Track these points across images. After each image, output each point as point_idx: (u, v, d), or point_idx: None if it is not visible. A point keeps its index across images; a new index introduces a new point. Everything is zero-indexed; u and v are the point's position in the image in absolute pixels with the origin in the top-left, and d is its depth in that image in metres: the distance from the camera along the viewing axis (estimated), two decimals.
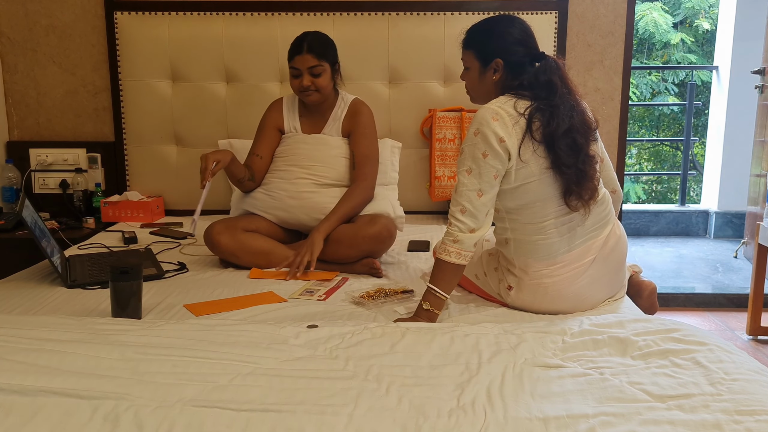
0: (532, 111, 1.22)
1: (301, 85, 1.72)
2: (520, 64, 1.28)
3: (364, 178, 1.71)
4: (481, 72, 1.32)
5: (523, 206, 1.27)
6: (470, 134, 1.24)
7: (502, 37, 1.29)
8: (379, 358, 0.99)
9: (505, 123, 1.22)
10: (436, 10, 2.27)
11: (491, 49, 1.30)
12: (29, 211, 1.48)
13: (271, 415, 0.83)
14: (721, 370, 0.93)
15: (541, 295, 1.30)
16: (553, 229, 1.27)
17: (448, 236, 1.24)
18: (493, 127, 1.21)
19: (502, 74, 1.29)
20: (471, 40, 1.34)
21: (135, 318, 1.25)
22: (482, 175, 1.22)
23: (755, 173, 3.14)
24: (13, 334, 1.05)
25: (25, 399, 0.86)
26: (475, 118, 1.24)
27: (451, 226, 1.24)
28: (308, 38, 1.72)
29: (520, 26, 1.31)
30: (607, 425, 0.81)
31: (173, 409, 0.85)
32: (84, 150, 2.36)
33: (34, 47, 2.35)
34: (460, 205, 1.23)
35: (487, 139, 1.21)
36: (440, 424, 0.82)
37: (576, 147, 1.23)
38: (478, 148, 1.22)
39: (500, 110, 1.23)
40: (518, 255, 1.31)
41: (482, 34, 1.32)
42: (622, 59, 2.32)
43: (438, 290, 1.24)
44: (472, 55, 1.33)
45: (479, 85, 1.34)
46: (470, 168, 1.23)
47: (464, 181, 1.23)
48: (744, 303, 2.50)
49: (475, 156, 1.22)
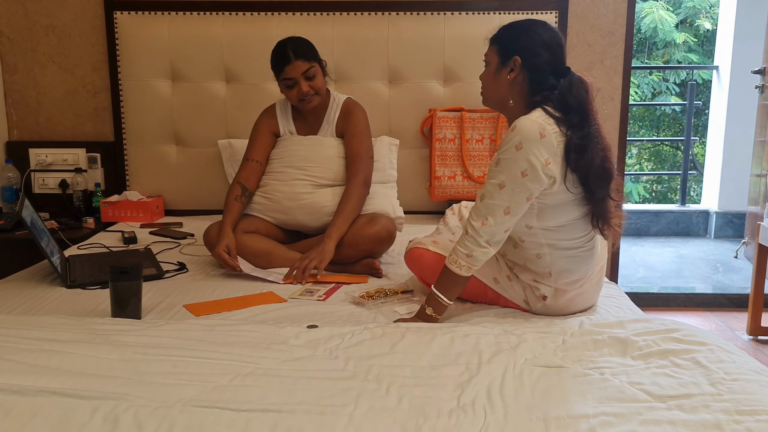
0: (569, 140, 1.15)
1: (301, 93, 1.67)
2: (540, 70, 1.21)
3: (356, 174, 1.69)
4: (498, 68, 1.24)
5: (561, 226, 1.22)
6: (510, 146, 1.14)
7: (527, 36, 1.22)
8: (379, 359, 0.99)
9: (551, 143, 1.14)
10: (436, 10, 2.27)
11: (514, 46, 1.22)
12: (29, 211, 1.48)
13: (271, 415, 0.83)
14: (722, 370, 0.93)
15: (578, 301, 1.30)
16: (590, 241, 1.26)
17: (462, 248, 1.19)
18: (540, 147, 1.13)
19: (519, 77, 1.22)
20: (498, 35, 1.27)
21: (135, 318, 1.25)
22: (515, 194, 1.14)
23: (755, 173, 3.14)
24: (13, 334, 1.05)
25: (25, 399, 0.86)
26: (518, 129, 1.14)
27: (467, 238, 1.18)
28: (290, 45, 1.67)
29: (551, 32, 1.24)
30: (608, 425, 0.81)
31: (173, 409, 0.84)
32: (84, 150, 2.36)
33: (34, 47, 2.35)
34: (482, 218, 1.17)
35: (530, 159, 1.13)
36: (440, 425, 0.82)
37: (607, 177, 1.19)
38: (518, 166, 1.13)
39: (547, 127, 1.14)
40: (557, 268, 1.25)
41: (510, 30, 1.26)
42: (622, 59, 2.32)
43: (443, 297, 1.23)
44: (495, 50, 1.26)
45: (493, 83, 1.26)
46: (503, 183, 1.15)
47: (494, 194, 1.16)
48: (744, 303, 2.50)
49: (512, 172, 1.14)
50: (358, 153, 1.73)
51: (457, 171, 2.26)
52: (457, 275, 1.21)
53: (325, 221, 1.70)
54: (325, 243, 1.57)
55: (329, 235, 1.58)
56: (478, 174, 2.26)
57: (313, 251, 1.57)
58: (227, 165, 2.25)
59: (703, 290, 2.70)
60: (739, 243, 3.30)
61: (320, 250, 1.55)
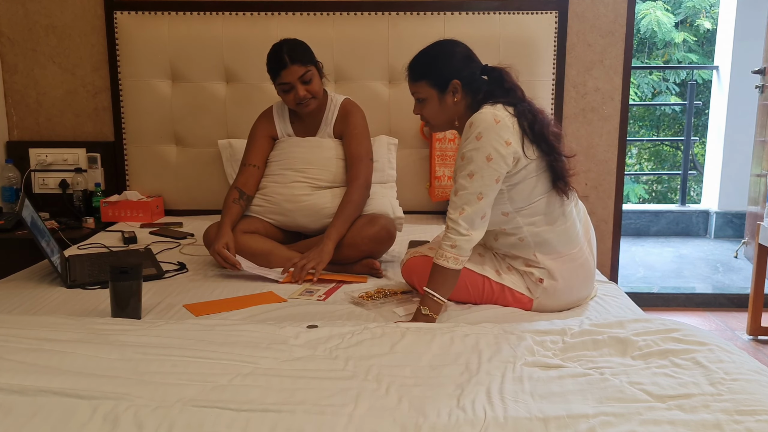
0: (519, 113, 1.26)
1: (298, 97, 1.67)
2: (473, 79, 1.31)
3: (357, 177, 1.69)
4: (440, 98, 1.32)
5: (531, 204, 1.29)
6: (471, 138, 1.24)
7: (450, 59, 1.31)
8: (378, 358, 0.99)
9: (507, 125, 1.24)
10: (436, 10, 2.27)
11: (447, 72, 1.30)
12: (29, 211, 1.48)
13: (271, 415, 0.83)
14: (722, 370, 0.93)
15: (575, 284, 1.33)
16: (565, 215, 1.32)
17: (446, 240, 1.24)
18: (498, 130, 1.22)
19: (461, 94, 1.31)
20: (419, 71, 1.33)
21: (135, 318, 1.25)
22: (484, 178, 1.23)
23: (755, 173, 3.14)
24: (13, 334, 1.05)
25: (25, 399, 0.86)
26: (475, 123, 1.24)
27: (449, 230, 1.24)
28: (285, 48, 1.66)
29: (459, 45, 1.34)
30: (607, 425, 0.81)
31: (173, 409, 0.84)
32: (84, 150, 2.36)
33: (34, 47, 2.35)
34: (459, 208, 1.24)
35: (492, 143, 1.22)
36: (440, 424, 0.82)
37: (557, 138, 1.29)
38: (482, 152, 1.22)
39: (498, 113, 1.24)
40: (541, 247, 1.31)
41: (429, 62, 1.32)
42: (622, 59, 2.32)
43: (436, 295, 1.24)
44: (426, 84, 1.32)
45: (440, 113, 1.33)
46: (471, 172, 1.23)
47: (465, 185, 1.24)
48: (744, 303, 2.50)
49: (477, 160, 1.22)
50: (357, 155, 1.73)
51: None
52: (446, 269, 1.24)
53: (324, 223, 1.69)
54: (325, 244, 1.57)
55: (329, 236, 1.58)
56: None
57: (312, 251, 1.56)
58: (227, 165, 2.25)
59: (703, 290, 2.70)
60: (739, 243, 3.31)
61: (319, 251, 1.55)
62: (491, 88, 1.30)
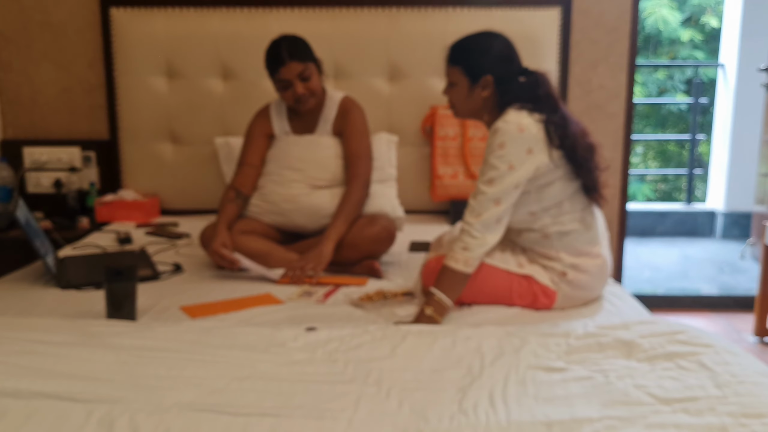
0: (547, 121, 1.26)
1: (296, 94, 1.65)
2: (508, 79, 1.31)
3: (357, 177, 1.68)
4: (470, 88, 1.32)
5: (559, 202, 1.30)
6: (494, 146, 1.25)
7: (489, 53, 1.31)
8: (379, 362, 0.98)
9: (531, 133, 1.25)
10: (439, 5, 2.25)
11: (481, 66, 1.31)
12: (23, 211, 1.46)
13: (269, 419, 0.82)
14: (727, 373, 0.92)
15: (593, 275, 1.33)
16: (590, 216, 1.34)
17: (459, 243, 1.26)
18: (521, 140, 1.24)
19: (491, 90, 1.31)
20: (457, 56, 1.33)
21: (130, 320, 1.23)
22: (503, 185, 1.24)
23: (762, 173, 3.12)
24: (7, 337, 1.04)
25: (19, 402, 0.85)
26: (500, 131, 1.25)
27: (463, 233, 1.26)
28: (284, 45, 1.63)
29: (504, 42, 1.34)
30: (612, 429, 0.80)
31: (169, 413, 0.83)
32: (78, 148, 2.33)
33: (29, 44, 2.32)
34: (475, 212, 1.26)
35: (515, 152, 1.24)
36: (442, 429, 0.81)
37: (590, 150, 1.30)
38: (504, 161, 1.24)
39: (523, 121, 1.25)
40: (564, 244, 1.31)
41: (469, 51, 1.33)
42: (627, 56, 2.29)
43: (443, 296, 1.23)
44: (459, 71, 1.33)
45: (466, 102, 1.34)
46: (492, 178, 1.25)
47: (484, 190, 1.25)
48: (751, 304, 2.48)
49: (499, 167, 1.24)
50: (357, 154, 1.71)
51: (459, 170, 2.24)
52: (455, 271, 1.24)
53: (323, 223, 1.68)
54: (324, 245, 1.55)
55: (328, 237, 1.56)
56: None
57: (311, 253, 1.54)
58: (224, 163, 2.23)
59: (709, 292, 2.69)
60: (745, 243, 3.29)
61: (318, 253, 1.53)
62: (524, 91, 1.30)
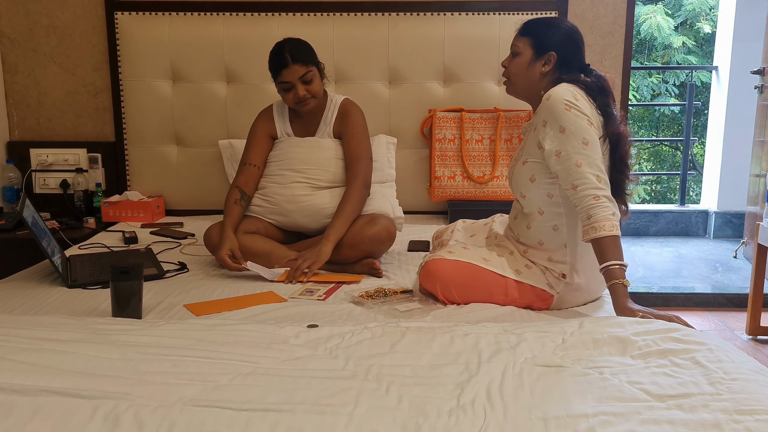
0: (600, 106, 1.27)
1: (297, 97, 1.67)
2: (569, 67, 1.32)
3: (356, 177, 1.69)
4: (532, 61, 1.33)
5: None
6: (560, 110, 1.23)
7: (563, 34, 1.33)
8: (379, 358, 0.99)
9: (585, 104, 1.25)
10: (436, 11, 2.27)
11: (550, 42, 1.32)
12: (30, 211, 1.48)
13: (272, 414, 0.83)
14: (721, 370, 0.93)
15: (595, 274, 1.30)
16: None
17: (606, 210, 1.19)
18: (581, 105, 1.24)
19: (552, 68, 1.32)
20: (529, 27, 1.35)
21: (135, 318, 1.25)
22: (596, 141, 1.23)
23: (755, 173, 3.14)
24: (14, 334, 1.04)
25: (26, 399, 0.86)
26: (555, 99, 1.24)
27: (600, 201, 1.19)
28: (288, 48, 1.66)
29: (575, 29, 1.36)
30: (607, 425, 0.81)
31: (173, 408, 0.84)
32: (84, 150, 2.36)
33: (35, 47, 2.35)
34: (595, 175, 1.21)
35: (583, 111, 1.23)
36: (440, 424, 0.82)
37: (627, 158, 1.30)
38: (581, 119, 1.23)
39: (577, 93, 1.26)
40: (573, 238, 1.30)
41: (544, 25, 1.35)
42: (621, 60, 2.32)
43: (622, 263, 1.18)
44: (528, 42, 1.33)
45: (525, 73, 1.34)
46: (585, 139, 1.22)
47: (587, 153, 1.21)
48: (743, 303, 2.50)
49: (582, 126, 1.22)
50: (357, 155, 1.73)
51: (457, 171, 2.26)
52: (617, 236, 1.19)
53: (324, 223, 1.70)
54: (323, 245, 1.57)
55: (327, 237, 1.58)
56: (477, 174, 2.26)
57: (309, 252, 1.57)
58: (228, 165, 2.25)
59: (702, 290, 2.70)
60: (738, 243, 3.31)
61: (317, 251, 1.55)
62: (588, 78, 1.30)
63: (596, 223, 1.19)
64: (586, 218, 1.21)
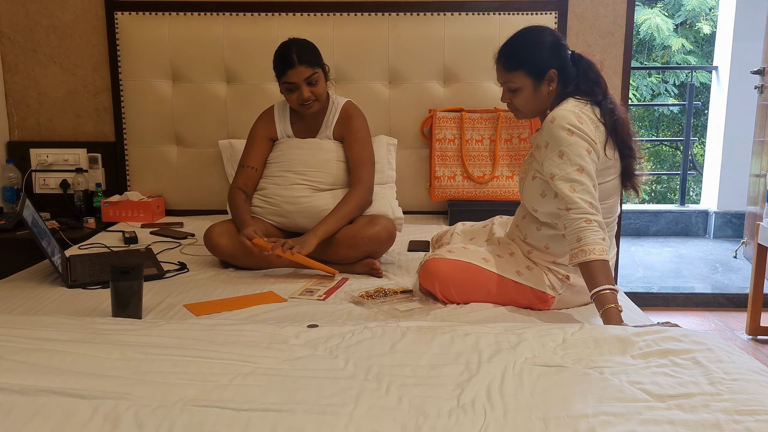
0: (604, 113, 1.27)
1: (301, 98, 1.66)
2: (566, 68, 1.31)
3: (360, 181, 1.69)
4: (536, 88, 1.31)
5: (602, 203, 1.28)
6: (562, 136, 1.23)
7: (545, 47, 1.30)
8: (379, 358, 0.99)
9: (590, 126, 1.25)
10: (436, 11, 2.27)
11: (544, 62, 1.29)
12: (30, 211, 1.48)
13: (272, 414, 0.83)
14: (721, 370, 0.93)
15: None
16: (614, 214, 1.35)
17: (596, 234, 1.18)
18: (585, 128, 1.24)
19: (556, 83, 1.31)
20: (516, 61, 1.31)
21: (135, 318, 1.25)
22: (591, 170, 1.23)
23: (755, 173, 3.14)
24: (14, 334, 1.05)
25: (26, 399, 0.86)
26: (558, 123, 1.24)
27: (591, 224, 1.19)
28: (294, 48, 1.64)
29: (550, 31, 1.34)
30: (607, 425, 0.81)
31: (173, 408, 0.84)
32: (84, 150, 2.36)
33: (35, 47, 2.35)
34: (588, 202, 1.21)
35: (585, 137, 1.23)
36: (440, 424, 0.82)
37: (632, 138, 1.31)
38: (581, 146, 1.23)
39: (582, 114, 1.25)
40: None
41: (526, 51, 1.31)
42: (621, 60, 2.32)
43: (614, 287, 1.17)
44: (523, 74, 1.30)
45: (533, 102, 1.33)
46: (581, 166, 1.22)
47: (581, 180, 1.22)
48: (743, 303, 2.50)
49: (580, 154, 1.22)
50: (360, 159, 1.72)
51: (456, 171, 2.26)
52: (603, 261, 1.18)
53: None
54: (308, 237, 1.54)
55: (314, 231, 1.56)
56: (477, 174, 2.26)
57: (299, 238, 1.55)
58: (228, 165, 2.25)
59: (703, 290, 2.71)
60: (738, 243, 3.31)
61: (302, 241, 1.53)
62: (579, 78, 1.30)
63: (586, 246, 1.18)
64: (576, 240, 1.20)
